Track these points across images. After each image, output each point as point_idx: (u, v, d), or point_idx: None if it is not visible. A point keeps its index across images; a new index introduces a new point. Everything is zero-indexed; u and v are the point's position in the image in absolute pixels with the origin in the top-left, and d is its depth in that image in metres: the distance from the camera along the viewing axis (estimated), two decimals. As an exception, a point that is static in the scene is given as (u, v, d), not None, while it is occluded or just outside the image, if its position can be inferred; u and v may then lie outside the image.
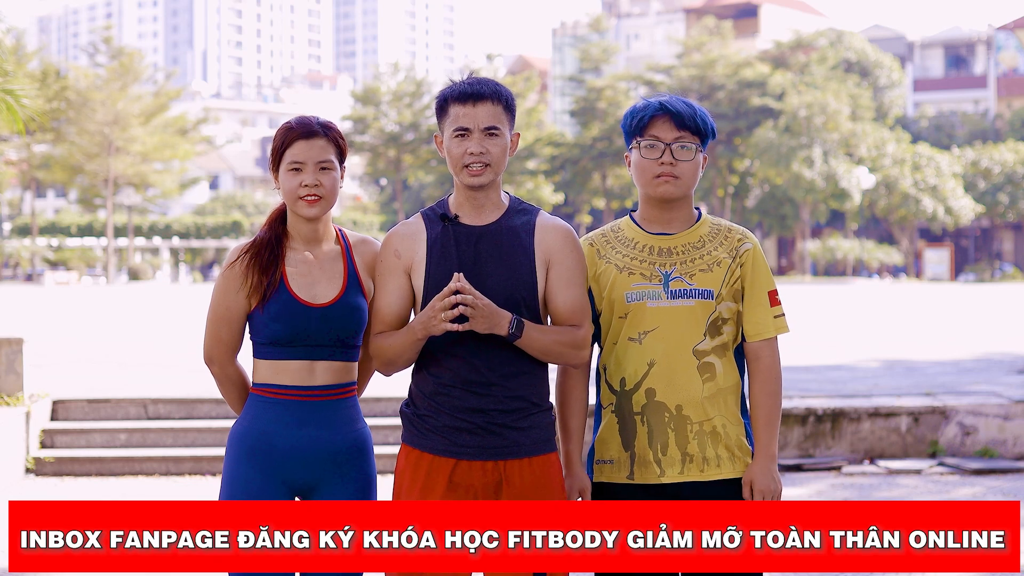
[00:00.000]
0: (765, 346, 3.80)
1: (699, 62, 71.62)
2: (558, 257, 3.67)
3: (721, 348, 3.77)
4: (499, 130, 3.63)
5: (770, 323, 3.80)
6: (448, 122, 3.64)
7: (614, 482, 3.78)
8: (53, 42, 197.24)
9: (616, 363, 3.78)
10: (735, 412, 3.78)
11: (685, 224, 3.83)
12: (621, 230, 3.87)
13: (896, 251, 68.26)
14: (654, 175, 3.76)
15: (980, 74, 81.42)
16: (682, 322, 3.73)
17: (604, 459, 3.81)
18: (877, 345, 17.95)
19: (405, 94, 74.06)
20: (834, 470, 9.73)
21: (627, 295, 3.76)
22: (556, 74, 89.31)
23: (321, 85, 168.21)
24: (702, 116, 3.79)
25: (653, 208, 3.83)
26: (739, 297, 3.80)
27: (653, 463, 3.73)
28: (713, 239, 3.81)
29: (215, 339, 3.85)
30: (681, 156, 3.76)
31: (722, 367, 3.76)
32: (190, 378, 12.34)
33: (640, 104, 3.83)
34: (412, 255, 3.67)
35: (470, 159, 3.61)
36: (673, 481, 3.72)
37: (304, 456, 3.75)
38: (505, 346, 3.60)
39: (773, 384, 3.80)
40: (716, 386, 3.75)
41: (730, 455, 3.75)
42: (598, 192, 73.29)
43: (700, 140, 3.79)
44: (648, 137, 3.77)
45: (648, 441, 3.73)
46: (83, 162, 62.93)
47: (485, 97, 3.62)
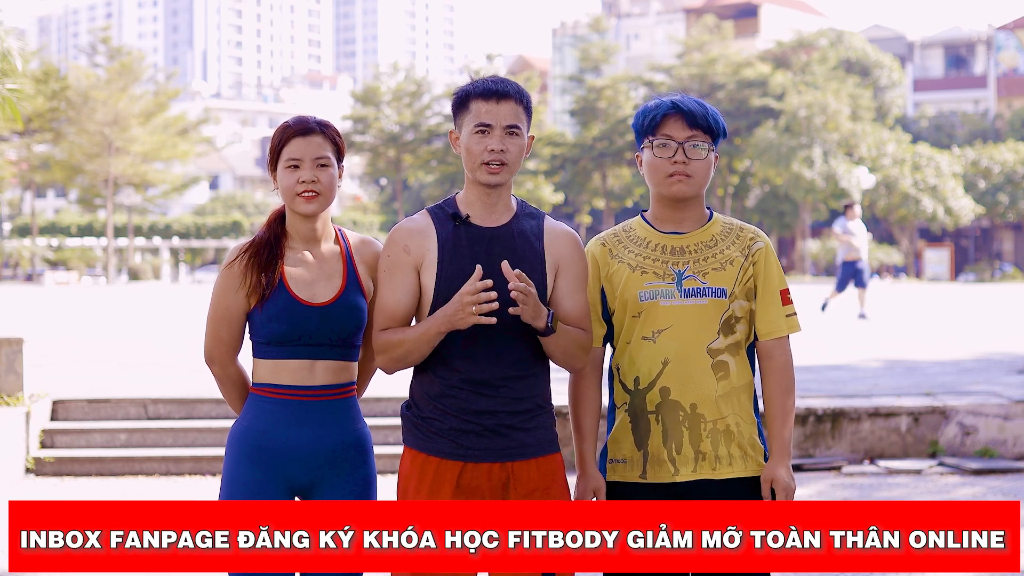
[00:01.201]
0: (778, 344, 3.81)
1: (699, 62, 71.58)
2: (567, 263, 3.68)
3: (734, 347, 3.78)
4: (519, 130, 3.63)
5: (782, 322, 3.81)
6: (469, 118, 3.62)
7: (627, 481, 3.78)
8: (53, 42, 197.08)
9: (630, 362, 3.78)
10: (748, 411, 3.79)
11: (697, 223, 3.84)
12: (633, 230, 3.88)
13: (896, 251, 68.25)
14: (667, 174, 3.77)
15: (980, 74, 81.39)
16: (695, 321, 3.74)
17: (617, 458, 3.81)
18: (877, 345, 17.93)
19: (405, 94, 74.02)
20: (834, 470, 9.73)
21: (640, 294, 3.77)
22: (556, 74, 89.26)
23: (321, 85, 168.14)
24: (714, 115, 3.80)
25: (665, 207, 3.83)
26: (751, 296, 3.81)
27: (667, 462, 3.74)
28: (725, 238, 3.82)
29: (215, 339, 3.86)
30: (694, 155, 3.77)
31: (735, 365, 3.77)
32: (190, 378, 12.33)
33: (652, 103, 3.83)
34: (423, 252, 3.63)
35: (490, 156, 3.60)
36: (686, 480, 3.73)
37: (303, 456, 3.75)
38: (512, 347, 3.60)
39: (787, 382, 3.81)
40: (730, 384, 3.76)
41: (743, 454, 3.76)
42: (598, 192, 73.26)
43: (712, 139, 3.80)
44: (660, 136, 3.77)
45: (662, 440, 3.74)
46: (83, 162, 62.90)
47: (509, 96, 3.62)
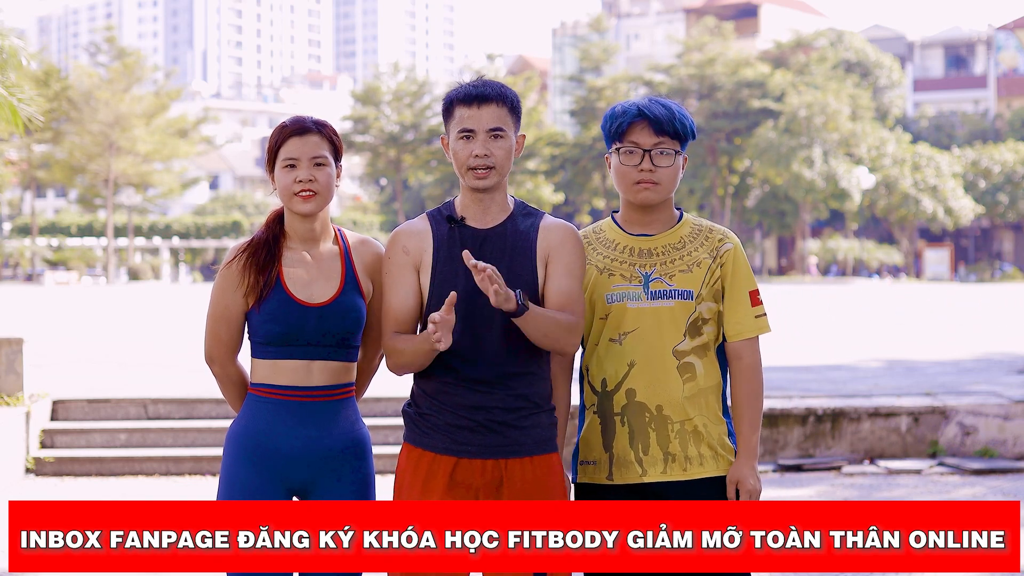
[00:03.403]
0: (746, 346, 3.80)
1: (699, 62, 71.56)
2: (557, 250, 3.67)
3: (701, 348, 3.78)
4: (504, 132, 3.63)
5: (751, 323, 3.81)
6: (453, 124, 3.65)
7: (595, 483, 3.80)
8: (53, 42, 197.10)
9: (597, 364, 3.80)
10: (716, 411, 3.79)
11: (666, 225, 3.83)
12: (603, 231, 3.88)
13: (896, 251, 68.23)
14: (634, 181, 3.76)
15: (980, 74, 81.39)
16: (662, 323, 3.74)
17: (587, 460, 3.82)
18: (877, 345, 17.94)
19: (406, 94, 74.04)
20: (834, 470, 9.73)
21: (607, 296, 3.77)
22: (556, 74, 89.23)
23: (321, 85, 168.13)
24: (680, 119, 3.76)
25: (633, 210, 3.84)
26: (719, 297, 3.81)
27: (634, 463, 3.74)
28: (694, 240, 3.82)
29: (215, 338, 3.86)
30: (660, 163, 3.76)
31: (703, 367, 3.77)
32: (190, 378, 12.34)
33: (619, 108, 3.81)
34: (421, 253, 3.67)
35: (475, 161, 3.61)
36: (655, 480, 3.73)
37: (301, 456, 3.75)
38: (508, 344, 3.61)
39: (755, 384, 3.81)
40: (696, 386, 3.76)
41: (713, 453, 3.76)
42: (598, 192, 73.25)
43: (680, 143, 3.78)
44: (627, 143, 3.77)
45: (629, 441, 3.75)
46: (84, 162, 62.91)
47: (490, 99, 3.63)
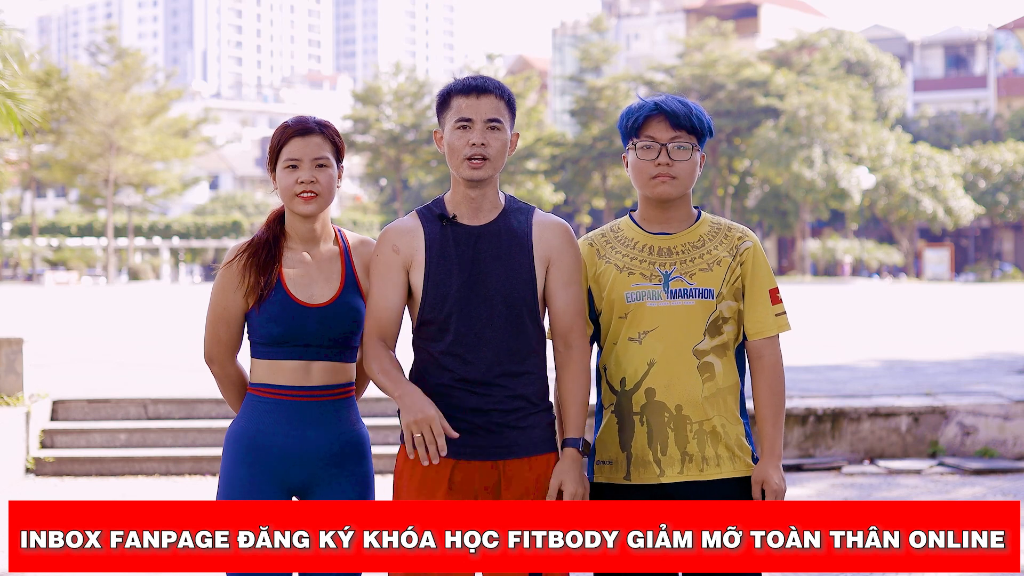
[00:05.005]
0: (767, 344, 3.80)
1: (699, 62, 71.55)
2: (557, 256, 3.68)
3: (721, 348, 3.76)
4: (501, 124, 3.64)
5: (771, 321, 3.80)
6: (450, 115, 3.65)
7: (612, 483, 3.78)
8: (53, 42, 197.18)
9: (616, 363, 3.78)
10: (734, 412, 3.78)
11: (684, 223, 3.82)
12: (621, 230, 3.87)
13: (896, 251, 68.22)
14: (651, 176, 3.76)
15: (980, 74, 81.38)
16: (682, 322, 3.72)
17: (603, 460, 3.80)
18: (877, 345, 17.94)
19: (406, 94, 74.03)
20: (834, 470, 9.73)
21: (627, 295, 3.75)
22: (556, 74, 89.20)
23: (321, 85, 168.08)
24: (698, 115, 3.77)
25: (652, 208, 3.82)
26: (740, 296, 3.80)
27: (652, 463, 3.73)
28: (713, 238, 3.81)
29: (214, 338, 3.86)
30: (677, 156, 3.75)
31: (722, 367, 3.76)
32: (190, 378, 12.34)
33: (636, 104, 3.81)
34: (412, 252, 3.67)
35: (471, 150, 3.61)
36: (672, 481, 3.72)
37: (300, 456, 3.74)
38: (504, 345, 3.61)
39: (777, 382, 3.80)
40: (716, 386, 3.74)
41: (730, 454, 3.75)
42: (598, 192, 73.24)
43: (697, 139, 3.78)
44: (644, 138, 3.76)
45: (647, 441, 3.73)
46: (84, 162, 62.90)
47: (488, 90, 3.65)
